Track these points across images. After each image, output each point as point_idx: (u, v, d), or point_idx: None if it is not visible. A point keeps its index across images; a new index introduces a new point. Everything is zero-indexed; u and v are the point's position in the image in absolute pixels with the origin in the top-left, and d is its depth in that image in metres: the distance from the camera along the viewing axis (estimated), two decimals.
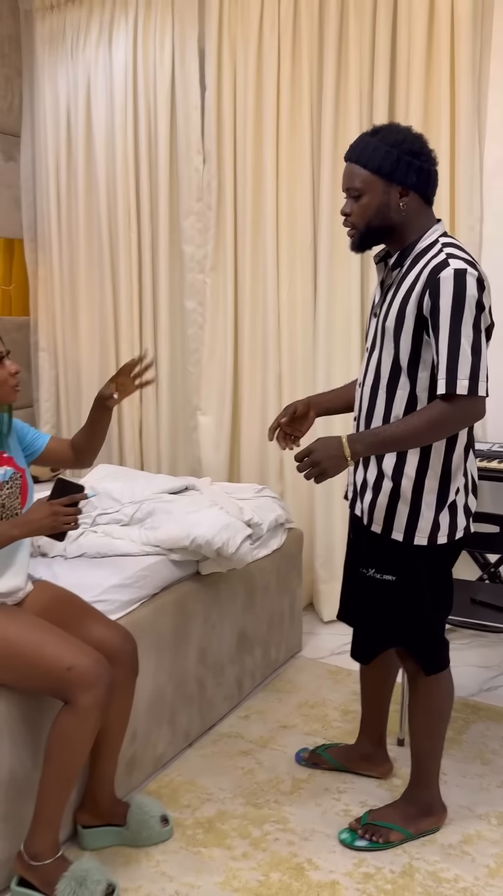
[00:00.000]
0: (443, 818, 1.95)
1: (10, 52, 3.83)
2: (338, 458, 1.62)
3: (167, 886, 1.76)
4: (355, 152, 1.69)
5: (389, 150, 1.64)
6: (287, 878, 1.78)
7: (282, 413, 1.93)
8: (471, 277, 1.59)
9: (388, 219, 1.70)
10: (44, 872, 1.67)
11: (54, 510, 1.67)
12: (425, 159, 1.67)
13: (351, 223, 1.73)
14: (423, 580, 1.78)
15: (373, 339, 1.79)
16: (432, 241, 1.69)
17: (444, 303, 1.59)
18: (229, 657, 2.47)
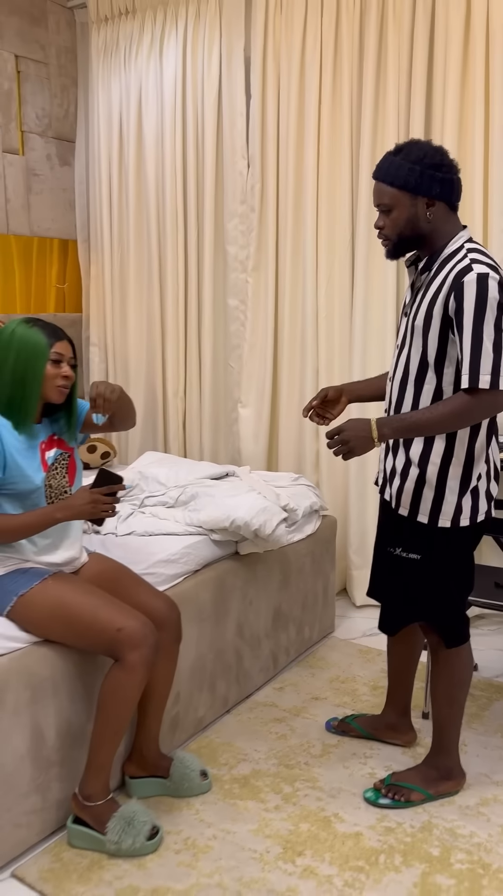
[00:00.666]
0: (462, 783, 2.09)
1: (67, 62, 4.04)
2: (365, 439, 1.77)
3: (206, 831, 1.94)
4: (381, 171, 1.84)
5: (412, 166, 1.79)
6: (315, 829, 1.95)
7: (316, 395, 2.09)
8: (492, 281, 1.73)
9: (418, 228, 1.84)
10: (96, 812, 1.86)
11: (94, 498, 1.85)
12: (446, 170, 1.81)
13: (384, 235, 1.88)
14: (446, 559, 1.92)
15: (404, 336, 1.93)
16: (458, 247, 1.83)
17: (468, 304, 1.73)
18: (265, 632, 2.64)
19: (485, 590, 2.51)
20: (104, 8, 3.82)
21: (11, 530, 1.81)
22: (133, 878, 1.78)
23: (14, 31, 3.75)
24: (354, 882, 1.78)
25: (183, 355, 3.84)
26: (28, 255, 3.92)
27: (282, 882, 1.78)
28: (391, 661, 2.25)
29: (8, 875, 1.81)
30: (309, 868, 1.82)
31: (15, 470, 1.82)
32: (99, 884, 1.77)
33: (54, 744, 1.89)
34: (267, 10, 3.30)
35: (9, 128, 3.77)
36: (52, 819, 1.92)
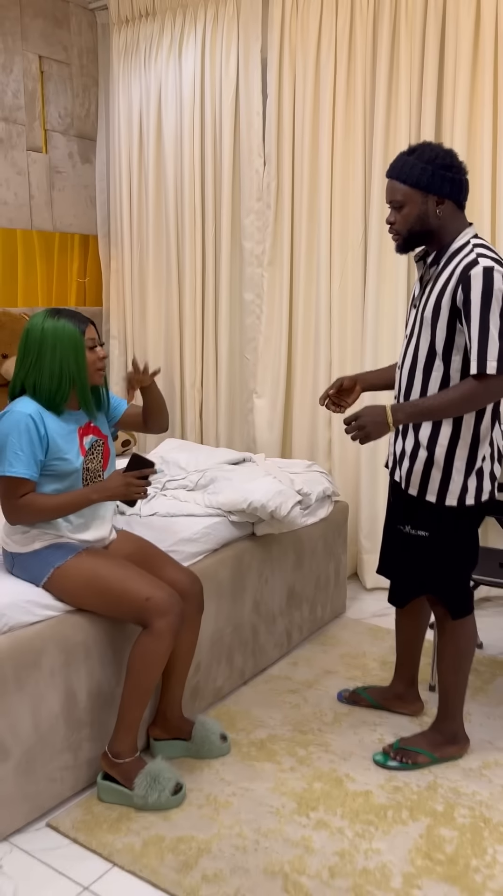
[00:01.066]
0: (466, 748, 2.23)
1: (88, 62, 4.18)
2: (381, 424, 1.90)
3: (225, 789, 2.08)
4: (395, 170, 1.97)
5: (425, 166, 1.92)
6: (327, 787, 2.09)
7: (331, 385, 2.23)
8: (497, 274, 1.85)
9: (428, 224, 1.97)
10: (124, 769, 2.01)
11: (128, 481, 2.00)
12: (456, 171, 1.94)
13: (395, 230, 2.01)
14: (452, 536, 2.05)
15: (412, 327, 2.06)
16: (464, 243, 1.96)
17: (475, 296, 1.86)
18: (280, 610, 2.78)
19: (490, 570, 2.64)
20: (125, 10, 3.95)
21: (53, 508, 1.96)
22: (159, 829, 1.93)
23: (38, 32, 3.89)
24: (364, 833, 1.92)
25: (200, 347, 3.97)
26: (50, 250, 4.06)
27: (296, 833, 1.92)
28: (399, 634, 2.38)
29: (43, 825, 1.96)
30: (322, 821, 1.96)
31: (57, 453, 1.96)
32: (128, 833, 1.92)
33: (86, 706, 2.03)
34: (283, 13, 3.43)
35: (33, 126, 3.91)
36: (83, 776, 2.07)
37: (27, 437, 1.91)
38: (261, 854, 1.84)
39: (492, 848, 1.87)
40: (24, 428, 1.91)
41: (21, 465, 1.91)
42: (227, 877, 1.77)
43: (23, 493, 1.93)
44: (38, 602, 1.96)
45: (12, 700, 1.85)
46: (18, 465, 1.90)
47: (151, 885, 1.76)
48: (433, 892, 1.74)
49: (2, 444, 1.92)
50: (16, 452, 1.90)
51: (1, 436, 1.93)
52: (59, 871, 1.80)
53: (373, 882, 1.76)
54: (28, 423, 1.91)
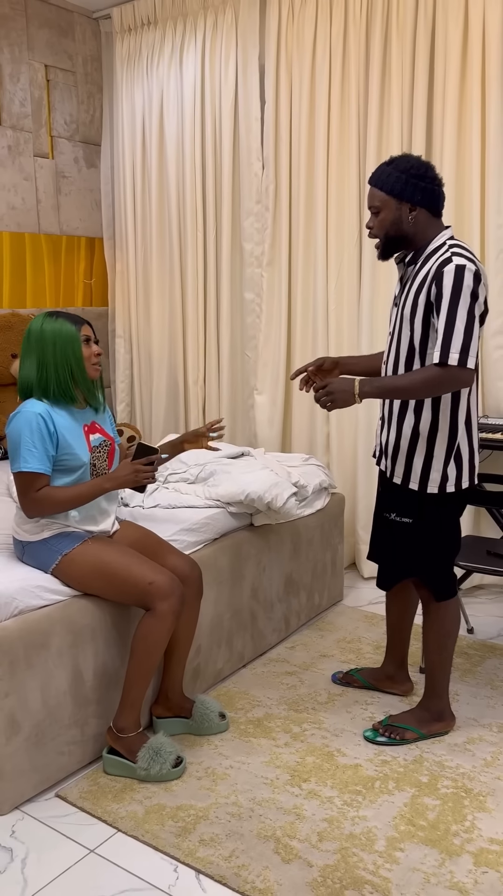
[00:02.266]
0: (452, 724, 2.35)
1: (93, 70, 4.30)
2: (348, 394, 2.02)
3: (223, 762, 2.22)
4: (375, 178, 2.10)
5: (399, 175, 2.05)
6: (319, 761, 2.22)
7: (312, 362, 2.35)
8: (468, 272, 1.97)
9: (401, 230, 2.10)
10: (128, 743, 2.14)
11: (136, 468, 2.13)
12: (429, 181, 2.06)
13: (374, 234, 2.14)
14: (434, 522, 2.17)
15: (394, 325, 2.18)
16: (441, 243, 2.08)
17: (446, 290, 1.97)
18: (278, 596, 2.90)
19: (480, 558, 2.76)
20: (127, 19, 4.08)
21: (69, 499, 2.09)
22: (160, 799, 2.06)
23: (44, 42, 4.02)
24: (352, 802, 2.04)
25: (202, 346, 4.10)
26: (57, 253, 4.20)
27: (289, 801, 2.05)
28: (389, 617, 2.51)
29: (52, 795, 2.09)
30: (313, 791, 2.09)
31: (66, 448, 2.09)
32: (131, 802, 2.05)
33: (92, 684, 2.17)
34: (280, 22, 3.54)
35: (39, 133, 4.05)
36: (89, 750, 2.20)
37: (38, 434, 2.04)
38: (255, 820, 1.98)
39: (471, 815, 2.00)
40: (35, 426, 2.04)
41: (35, 461, 2.04)
42: (222, 840, 1.91)
43: (39, 486, 2.07)
44: (47, 587, 2.10)
45: (24, 678, 1.98)
46: (33, 461, 2.04)
47: (152, 848, 1.89)
48: (414, 853, 1.86)
49: (15, 442, 2.05)
50: (29, 449, 2.04)
51: (14, 434, 2.06)
52: (68, 836, 1.94)
53: (358, 845, 1.89)
54: (38, 421, 2.05)
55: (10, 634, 1.95)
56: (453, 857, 1.85)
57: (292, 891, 1.75)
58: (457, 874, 1.80)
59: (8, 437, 2.10)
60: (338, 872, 1.80)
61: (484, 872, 1.80)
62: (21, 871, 1.82)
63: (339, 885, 1.76)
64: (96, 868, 1.83)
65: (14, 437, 2.07)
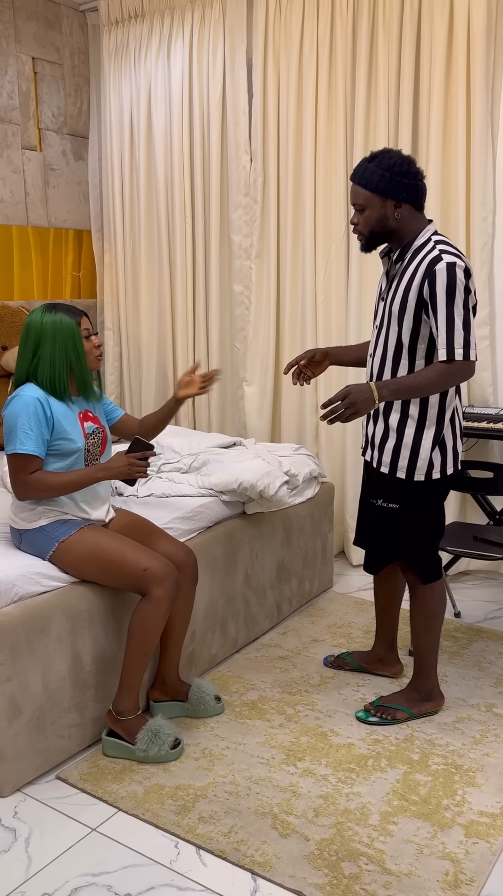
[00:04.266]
0: (441, 704, 2.42)
1: (80, 63, 4.31)
2: (368, 400, 2.02)
3: (220, 743, 2.27)
4: (357, 175, 2.14)
5: (383, 172, 2.09)
6: (313, 741, 2.28)
7: (302, 355, 2.39)
8: (459, 269, 2.03)
9: (387, 226, 2.15)
10: (127, 725, 2.19)
11: (130, 461, 2.17)
12: (412, 177, 2.11)
13: (359, 231, 2.19)
14: (420, 507, 2.23)
15: (381, 319, 2.23)
16: (426, 240, 2.14)
17: (440, 289, 2.03)
18: (270, 583, 2.96)
19: (466, 543, 2.83)
20: (115, 12, 4.09)
21: (60, 485, 2.13)
22: (159, 779, 2.11)
23: (31, 34, 4.02)
24: (346, 779, 2.11)
25: (191, 337, 4.13)
26: (45, 245, 4.21)
27: (285, 780, 2.10)
28: (377, 601, 2.57)
29: (53, 777, 2.14)
30: (308, 769, 2.15)
31: (61, 433, 2.13)
32: (131, 783, 2.10)
33: (91, 668, 2.21)
34: (267, 15, 3.57)
35: (27, 126, 4.05)
36: (89, 733, 2.25)
37: (35, 418, 2.08)
38: (252, 798, 2.03)
39: (461, 790, 2.06)
40: (32, 410, 2.08)
41: (31, 444, 2.08)
42: (221, 817, 1.96)
43: (32, 470, 2.10)
44: (46, 574, 2.14)
45: (25, 662, 2.02)
46: (28, 444, 2.08)
47: (153, 826, 1.94)
48: (407, 826, 1.93)
49: (12, 424, 2.09)
50: (26, 432, 2.07)
51: (11, 417, 2.10)
52: (69, 816, 1.98)
53: (353, 819, 1.95)
54: (36, 405, 2.08)
55: (12, 620, 1.98)
56: (445, 830, 1.91)
57: (290, 863, 1.80)
58: (448, 845, 1.86)
59: (4, 420, 2.13)
60: (335, 845, 1.86)
61: (474, 843, 1.87)
62: (25, 849, 1.87)
63: (336, 858, 1.82)
64: (99, 846, 1.88)
65: (11, 420, 2.10)
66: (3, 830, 1.93)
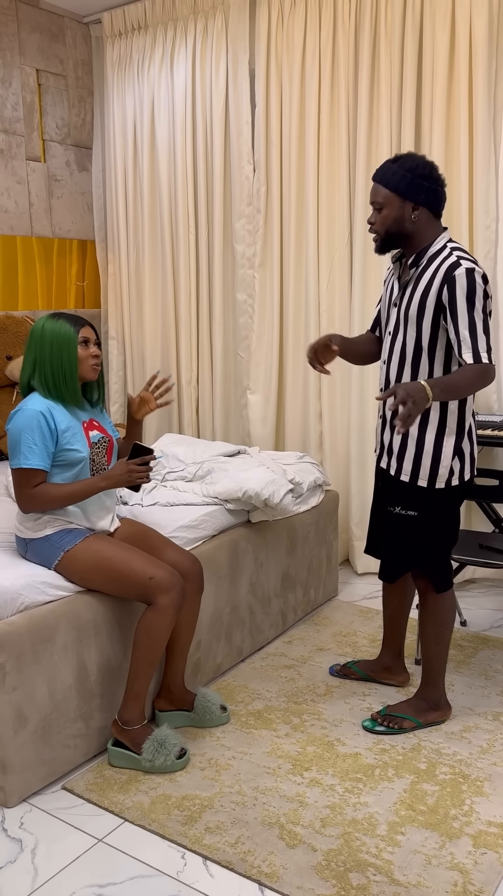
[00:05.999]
0: (448, 713, 2.40)
1: (83, 74, 4.34)
2: (424, 400, 1.93)
3: (226, 753, 2.26)
4: (379, 174, 2.16)
5: (405, 174, 2.10)
6: (320, 751, 2.27)
7: (326, 342, 2.31)
8: (477, 275, 2.04)
9: (403, 228, 2.15)
10: (133, 735, 2.18)
11: (131, 468, 2.17)
12: (433, 182, 2.12)
13: (374, 230, 2.19)
14: (439, 515, 2.23)
15: (396, 325, 2.23)
16: (442, 247, 2.14)
17: (460, 295, 2.04)
18: (275, 592, 2.95)
19: (471, 549, 2.82)
20: (118, 24, 4.12)
21: (64, 496, 2.13)
22: (165, 789, 2.10)
23: (35, 47, 4.05)
24: (353, 789, 2.09)
25: (195, 346, 4.14)
26: (49, 255, 4.23)
27: (292, 790, 2.09)
28: (386, 609, 2.56)
29: (59, 787, 2.13)
30: (315, 779, 2.14)
31: (66, 443, 2.13)
32: (137, 793, 2.09)
33: (96, 678, 2.21)
34: (269, 26, 3.60)
35: (31, 137, 4.08)
36: (94, 744, 2.24)
37: (39, 432, 2.08)
38: (259, 808, 2.02)
39: (469, 800, 2.05)
40: (35, 423, 2.08)
41: (35, 458, 2.08)
42: (228, 828, 1.95)
43: (36, 483, 2.10)
44: (51, 583, 2.13)
45: (30, 672, 2.02)
46: (33, 458, 2.08)
47: (159, 836, 1.93)
48: (415, 837, 1.92)
49: (16, 439, 2.09)
50: (30, 447, 2.08)
51: (15, 432, 2.10)
52: (76, 827, 1.98)
53: (360, 830, 1.94)
54: (39, 419, 2.09)
55: (18, 629, 1.98)
56: (453, 840, 1.90)
57: (297, 874, 1.79)
58: (457, 856, 1.85)
59: (9, 434, 2.13)
60: (342, 856, 1.85)
61: (483, 853, 1.86)
62: (31, 860, 1.86)
63: (343, 868, 1.81)
64: (105, 856, 1.87)
65: (15, 435, 2.11)
66: (10, 841, 1.93)
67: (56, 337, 2.16)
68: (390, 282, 2.30)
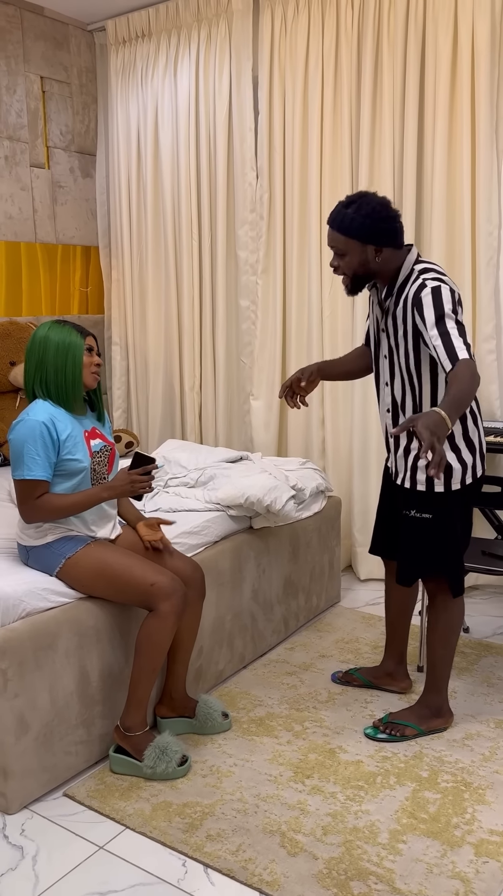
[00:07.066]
0: (451, 720, 2.40)
1: (87, 81, 4.36)
2: (446, 430, 1.85)
3: (227, 760, 2.26)
4: (336, 222, 2.13)
5: (363, 220, 2.09)
6: (321, 758, 2.26)
7: (298, 377, 2.39)
8: (443, 290, 2.05)
9: (369, 269, 2.17)
10: (135, 741, 2.18)
11: (133, 478, 2.17)
12: (391, 221, 2.11)
13: (341, 273, 2.20)
14: (452, 514, 2.23)
15: (389, 349, 2.24)
16: (409, 272, 2.16)
17: (428, 314, 2.04)
18: (277, 598, 2.95)
19: (474, 557, 2.81)
20: (122, 31, 4.14)
21: (67, 507, 2.13)
22: (167, 796, 2.10)
23: (39, 54, 4.07)
24: (355, 797, 2.09)
25: (198, 352, 4.15)
26: (53, 262, 4.24)
27: (293, 797, 2.09)
28: (388, 614, 2.56)
29: (60, 794, 2.13)
30: (316, 787, 2.13)
31: (67, 452, 2.14)
32: (138, 800, 2.09)
33: (98, 685, 2.21)
34: (273, 34, 3.61)
35: (35, 144, 4.09)
36: (96, 750, 2.24)
37: (41, 442, 2.08)
38: (260, 816, 2.02)
39: (471, 808, 2.04)
40: (38, 434, 2.08)
41: (38, 469, 2.09)
42: (229, 835, 1.95)
43: (39, 493, 2.11)
44: (53, 590, 2.14)
45: (32, 679, 2.02)
46: (36, 469, 2.08)
47: (161, 844, 1.93)
48: (417, 845, 1.91)
49: (18, 449, 2.10)
50: (33, 458, 2.08)
51: (17, 443, 2.10)
52: (77, 834, 1.97)
53: (362, 838, 1.93)
54: (41, 430, 2.09)
55: (20, 636, 1.98)
56: (455, 849, 1.89)
57: (299, 883, 1.79)
58: (458, 864, 1.84)
59: (10, 445, 2.14)
60: (343, 864, 1.84)
61: (485, 862, 1.85)
62: (32, 868, 1.86)
63: (345, 877, 1.80)
64: (106, 864, 1.87)
65: (17, 445, 2.11)
66: (11, 848, 1.93)
67: (62, 342, 2.17)
68: (373, 306, 2.32)
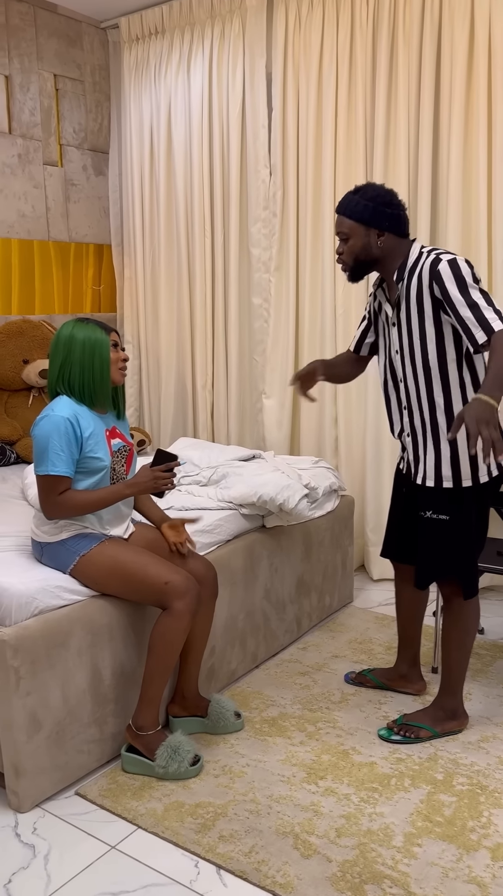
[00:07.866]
0: (466, 723, 2.37)
1: (101, 79, 4.35)
2: (493, 412, 1.84)
3: (240, 760, 2.24)
4: (342, 206, 2.18)
5: (367, 203, 2.13)
6: (335, 759, 2.24)
7: (307, 372, 2.41)
8: (460, 261, 2.04)
9: (371, 254, 2.17)
10: (147, 741, 2.16)
11: (156, 475, 2.16)
12: (395, 207, 2.14)
13: (342, 260, 2.21)
14: (468, 515, 2.20)
15: (401, 343, 2.20)
16: (418, 255, 2.15)
17: (450, 284, 2.02)
18: (289, 598, 2.93)
19: (490, 558, 2.78)
20: (135, 28, 4.13)
21: (90, 503, 2.12)
22: (179, 796, 2.08)
23: (53, 52, 4.07)
24: (369, 799, 2.07)
25: (211, 350, 4.14)
26: (66, 260, 4.24)
27: (306, 798, 2.07)
28: (400, 616, 2.53)
29: (72, 793, 2.12)
30: (330, 788, 2.11)
31: (89, 451, 2.13)
32: (150, 799, 2.07)
33: (110, 683, 2.20)
34: (286, 30, 3.59)
35: (49, 142, 4.09)
36: (108, 749, 2.23)
37: (66, 439, 2.08)
38: (273, 817, 2.00)
39: (487, 811, 2.02)
40: (63, 430, 2.08)
41: (63, 465, 2.08)
42: (241, 836, 1.93)
43: (62, 490, 2.10)
44: (66, 587, 2.13)
45: (45, 677, 2.01)
46: (60, 465, 2.07)
47: (173, 844, 1.92)
48: (432, 849, 1.89)
49: (43, 445, 2.08)
50: (57, 453, 2.07)
51: (42, 438, 2.09)
52: (89, 833, 1.96)
53: (376, 841, 1.91)
54: (66, 426, 2.08)
55: (32, 634, 1.97)
56: (471, 853, 1.87)
57: (312, 885, 1.77)
58: (475, 869, 1.82)
59: (35, 440, 2.12)
60: (358, 867, 1.82)
61: (501, 867, 1.82)
62: (44, 867, 1.85)
63: (359, 880, 1.78)
64: (118, 864, 1.86)
65: (42, 441, 2.10)
66: (23, 847, 1.92)
67: (88, 340, 2.16)
68: (378, 306, 2.30)
